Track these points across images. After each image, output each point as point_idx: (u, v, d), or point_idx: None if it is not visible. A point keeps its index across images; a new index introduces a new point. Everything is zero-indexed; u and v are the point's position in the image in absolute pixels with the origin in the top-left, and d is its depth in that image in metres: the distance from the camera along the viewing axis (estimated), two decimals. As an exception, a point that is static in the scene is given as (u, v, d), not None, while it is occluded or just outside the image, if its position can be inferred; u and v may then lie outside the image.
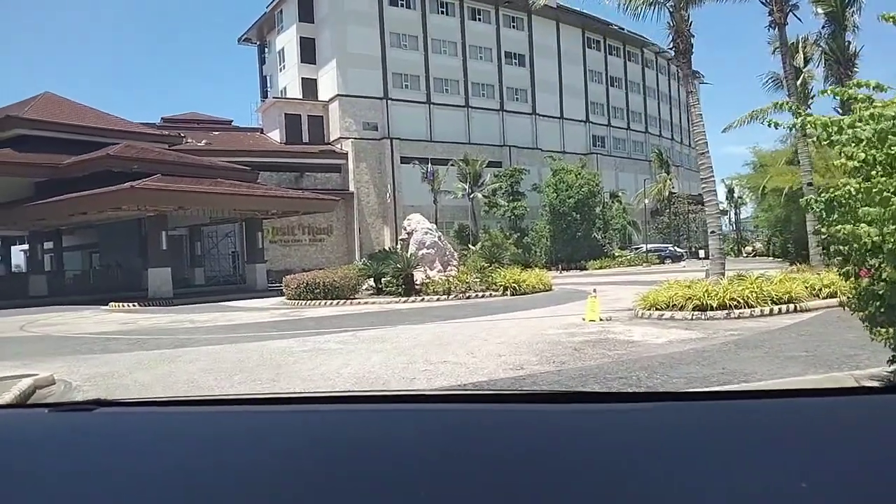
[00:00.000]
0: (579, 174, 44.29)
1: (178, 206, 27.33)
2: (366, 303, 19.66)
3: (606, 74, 62.93)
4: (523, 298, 18.93)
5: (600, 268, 41.13)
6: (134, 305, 25.01)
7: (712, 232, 13.01)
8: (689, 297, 11.81)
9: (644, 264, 42.32)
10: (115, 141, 31.09)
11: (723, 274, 12.85)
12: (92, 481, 0.99)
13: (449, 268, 22.98)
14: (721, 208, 76.09)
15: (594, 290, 12.86)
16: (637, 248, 48.98)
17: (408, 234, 23.51)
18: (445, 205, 44.55)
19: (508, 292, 20.04)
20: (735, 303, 11.57)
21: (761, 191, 34.29)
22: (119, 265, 37.84)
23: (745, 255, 59.28)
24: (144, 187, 24.69)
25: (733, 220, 79.93)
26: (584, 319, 11.98)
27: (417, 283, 20.70)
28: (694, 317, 11.52)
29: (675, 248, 51.32)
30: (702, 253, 53.91)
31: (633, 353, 8.33)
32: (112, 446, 1.14)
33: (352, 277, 20.44)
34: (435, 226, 24.28)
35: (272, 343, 10.98)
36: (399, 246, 24.43)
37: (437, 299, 19.57)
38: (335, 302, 19.96)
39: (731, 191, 74.68)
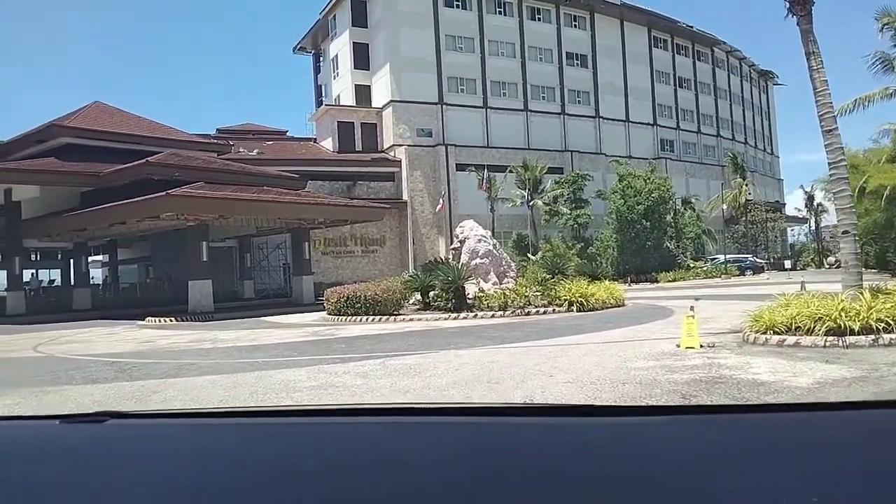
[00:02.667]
0: (648, 179, 41.11)
1: (219, 214, 25.75)
2: (410, 319, 17.34)
3: (674, 75, 59.31)
4: (592, 316, 16.25)
5: (673, 280, 37.76)
6: (170, 320, 23.55)
7: (845, 232, 10.09)
8: (819, 318, 8.99)
9: (723, 276, 38.65)
10: (161, 150, 30.04)
11: (860, 286, 9.93)
12: (103, 492, 1.00)
13: (505, 280, 20.48)
14: (801, 216, 72.03)
15: (692, 308, 10.11)
16: (713, 259, 45.19)
17: (459, 242, 21.16)
18: (503, 213, 42.08)
19: (574, 308, 17.40)
20: (883, 325, 8.71)
21: (857, 193, 30.53)
22: (169, 278, 36.84)
23: (826, 266, 54.54)
24: (179, 194, 23.18)
25: (813, 228, 74.90)
26: (679, 346, 9.29)
27: (469, 296, 18.30)
28: (828, 343, 8.70)
29: (755, 258, 47.23)
30: (787, 263, 49.75)
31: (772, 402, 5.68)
32: (123, 458, 1.14)
33: (396, 291, 18.19)
34: (490, 233, 21.84)
35: (279, 374, 8.76)
36: (450, 256, 22.11)
37: (492, 315, 17.10)
38: (377, 318, 17.74)
39: (811, 198, 69.76)
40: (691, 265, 41.58)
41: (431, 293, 18.44)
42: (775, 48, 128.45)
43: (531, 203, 41.80)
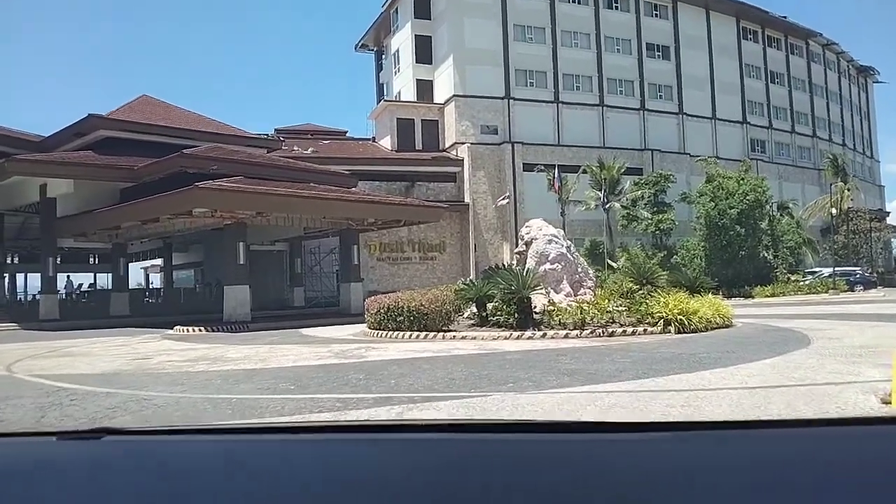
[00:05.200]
0: (742, 179, 36.45)
1: (257, 211, 23.10)
2: (463, 337, 13.92)
3: (766, 69, 53.98)
4: (699, 339, 12.46)
5: (772, 295, 33.06)
6: (198, 330, 21.02)
7: None
8: None
9: (830, 291, 33.57)
10: (207, 144, 27.85)
11: None
12: None
13: (581, 290, 16.85)
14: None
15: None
16: (814, 272, 39.92)
17: (525, 244, 17.65)
18: (574, 218, 38.21)
19: (672, 328, 13.62)
20: None
21: None
22: (218, 283, 34.71)
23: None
24: (208, 187, 20.59)
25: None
26: (888, 402, 5.51)
27: (537, 310, 14.77)
28: None
29: (865, 272, 41.62)
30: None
31: None
32: (119, 474, 1.13)
33: (446, 301, 14.80)
34: (563, 232, 18.24)
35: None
36: (514, 261, 18.63)
37: (565, 335, 13.52)
38: (421, 335, 14.43)
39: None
40: (791, 278, 36.59)
41: (490, 305, 15.00)
42: (874, 44, 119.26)
43: (607, 206, 37.75)
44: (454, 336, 14.00)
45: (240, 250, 23.53)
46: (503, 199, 36.76)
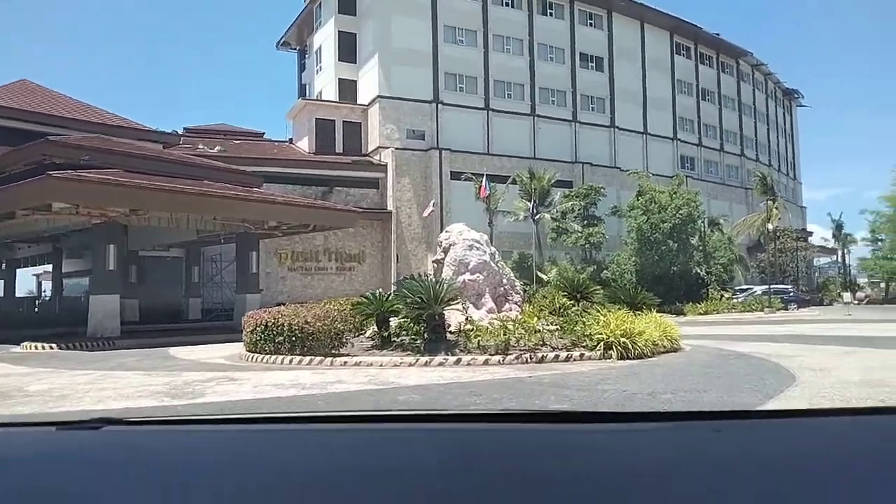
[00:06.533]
0: (675, 193, 35.04)
1: (130, 208, 19.62)
2: (356, 363, 11.03)
3: (697, 86, 53.56)
4: (648, 368, 10.00)
5: (705, 312, 31.58)
6: (50, 347, 17.43)
7: None
8: None
9: (766, 310, 32.27)
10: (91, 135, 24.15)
11: None
12: (99, 499, 0.98)
13: (507, 304, 14.28)
14: (829, 246, 65.92)
15: None
16: (745, 289, 38.92)
17: (444, 251, 14.98)
18: (503, 230, 35.93)
19: (614, 353, 11.14)
20: None
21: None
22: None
23: (855, 301, 48.34)
24: (66, 177, 17.04)
25: (839, 261, 68.78)
26: None
27: (452, 328, 12.07)
28: None
29: (797, 290, 40.99)
30: (846, 296, 43.24)
31: None
32: (119, 464, 1.12)
33: (336, 319, 11.84)
34: (486, 237, 15.65)
35: None
36: (432, 270, 15.92)
37: (485, 361, 10.86)
38: (305, 360, 11.46)
39: (839, 227, 63.80)
40: (724, 295, 35.31)
41: (394, 323, 12.18)
42: (798, 67, 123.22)
43: (537, 217, 35.61)
44: (345, 362, 11.09)
45: (109, 254, 20.00)
46: (429, 207, 34.17)
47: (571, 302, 14.18)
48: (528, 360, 10.97)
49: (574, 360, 11.08)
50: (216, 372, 10.76)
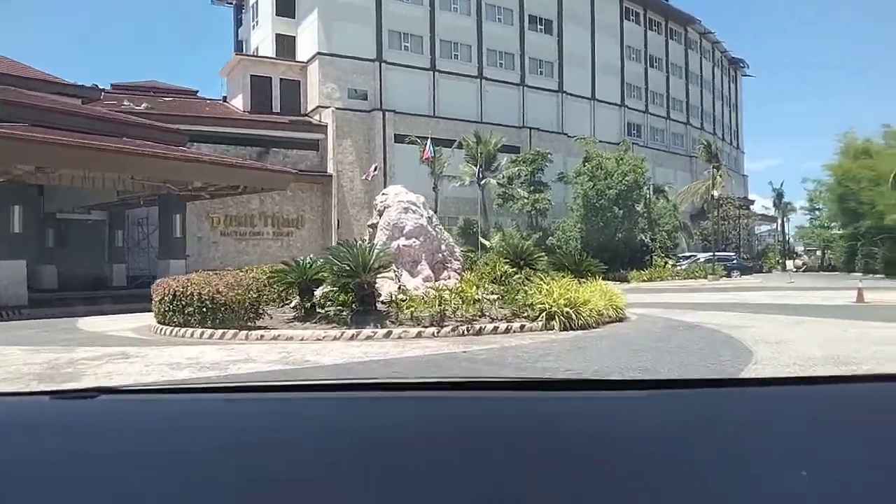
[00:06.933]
0: (621, 160, 34.59)
1: (38, 165, 17.82)
2: (274, 337, 9.95)
3: (646, 52, 53.16)
4: (593, 340, 9.25)
5: (649, 279, 31.46)
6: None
7: None
8: None
9: (710, 277, 32.33)
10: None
11: None
12: (93, 468, 0.97)
13: (446, 272, 13.35)
14: (769, 215, 67.32)
15: None
16: (688, 257, 39.07)
17: (378, 213, 13.91)
18: (449, 195, 35.03)
19: (557, 324, 10.36)
20: None
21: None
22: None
23: (793, 269, 49.56)
24: (-47, 128, 15.19)
25: (777, 228, 70.47)
26: None
27: (383, 298, 11.08)
28: None
29: (740, 257, 41.43)
30: (790, 264, 44.10)
31: None
32: (114, 433, 1.11)
33: (251, 288, 10.68)
34: (423, 199, 14.61)
35: None
36: (367, 236, 14.81)
37: (418, 334, 9.93)
38: (214, 334, 10.31)
39: (779, 196, 65.14)
40: (668, 263, 35.29)
41: (318, 292, 11.09)
42: (743, 41, 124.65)
43: (483, 182, 34.73)
44: (262, 336, 9.98)
45: (16, 216, 18.23)
46: (371, 171, 32.85)
47: (514, 269, 13.33)
48: (465, 332, 10.09)
49: (514, 332, 10.25)
50: (114, 347, 9.51)
